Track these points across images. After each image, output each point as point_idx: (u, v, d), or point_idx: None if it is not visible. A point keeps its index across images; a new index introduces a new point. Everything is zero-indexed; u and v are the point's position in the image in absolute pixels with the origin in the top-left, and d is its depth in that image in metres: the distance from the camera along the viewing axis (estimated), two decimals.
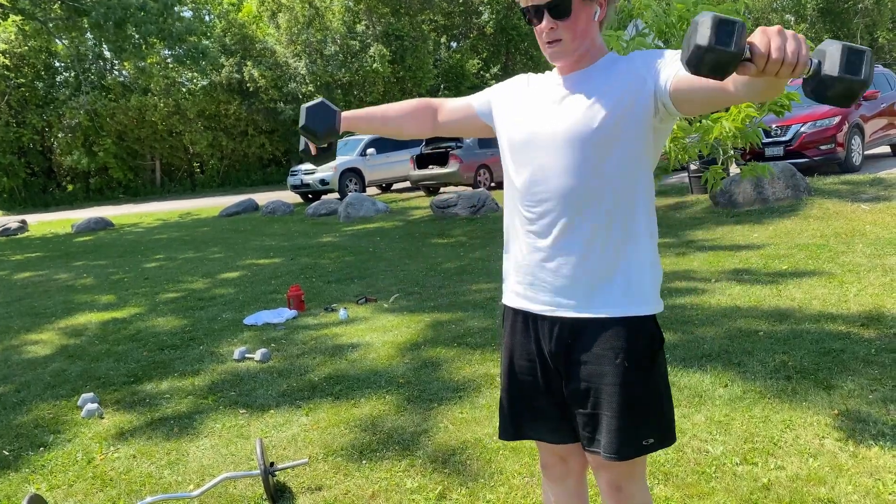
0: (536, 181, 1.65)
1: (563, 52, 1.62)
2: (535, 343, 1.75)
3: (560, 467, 1.89)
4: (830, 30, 36.88)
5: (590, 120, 1.57)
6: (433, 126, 1.96)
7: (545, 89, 1.70)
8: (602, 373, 1.65)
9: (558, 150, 1.61)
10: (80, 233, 15.75)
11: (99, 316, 6.71)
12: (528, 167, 1.67)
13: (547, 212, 1.65)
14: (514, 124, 1.72)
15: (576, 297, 1.66)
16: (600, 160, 1.58)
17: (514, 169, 1.71)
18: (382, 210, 13.90)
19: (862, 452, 2.83)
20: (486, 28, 33.13)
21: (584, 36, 1.61)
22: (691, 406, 3.43)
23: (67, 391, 4.52)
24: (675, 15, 4.94)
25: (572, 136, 1.59)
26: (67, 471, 3.35)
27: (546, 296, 1.70)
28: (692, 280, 6.02)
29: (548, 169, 1.63)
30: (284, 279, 7.76)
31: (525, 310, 1.76)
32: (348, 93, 28.92)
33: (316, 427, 3.60)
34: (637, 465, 1.75)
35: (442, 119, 1.95)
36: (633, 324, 1.66)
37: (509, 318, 1.83)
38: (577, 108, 1.60)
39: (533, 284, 1.72)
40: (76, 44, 24.95)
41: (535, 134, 1.66)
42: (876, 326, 4.32)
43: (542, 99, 1.69)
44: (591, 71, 1.64)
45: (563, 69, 1.68)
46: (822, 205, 8.62)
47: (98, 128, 29.22)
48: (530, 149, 1.66)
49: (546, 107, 1.66)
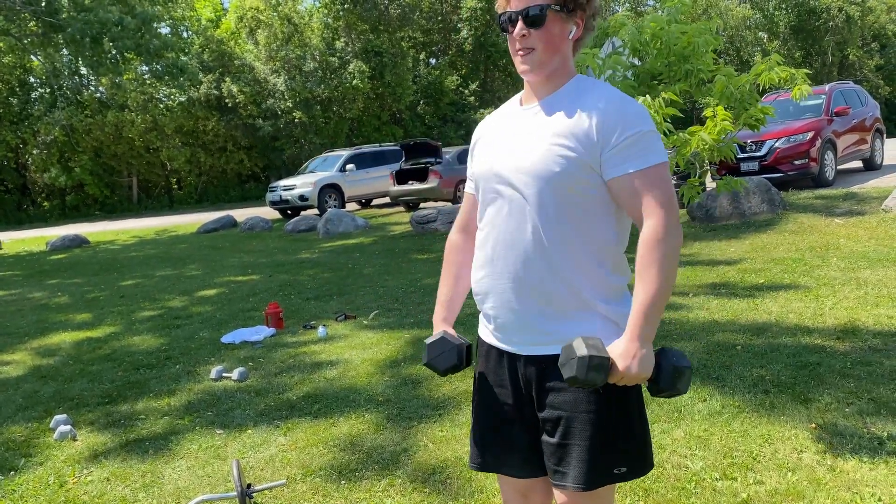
0: (499, 218, 1.66)
1: (535, 63, 1.60)
2: (510, 371, 1.74)
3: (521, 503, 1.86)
4: (802, 47, 37.58)
5: (551, 161, 1.57)
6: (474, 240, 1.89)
7: (509, 125, 1.71)
8: (575, 400, 1.63)
9: (519, 191, 1.61)
10: (54, 250, 15.53)
11: (73, 335, 6.60)
12: (493, 205, 1.68)
13: (507, 250, 1.64)
14: (479, 163, 1.74)
15: (543, 335, 1.65)
16: (564, 195, 1.58)
17: (481, 205, 1.73)
18: (362, 226, 13.87)
19: (839, 466, 2.85)
20: (464, 45, 33.35)
21: (556, 49, 1.60)
22: (671, 421, 3.43)
23: (40, 413, 4.43)
24: (648, 33, 5.00)
25: (534, 176, 1.59)
26: (39, 495, 3.28)
27: (513, 336, 1.70)
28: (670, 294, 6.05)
29: (510, 208, 1.63)
30: (263, 296, 7.69)
31: (496, 346, 1.77)
32: (328, 109, 28.94)
33: (294, 447, 3.56)
34: (604, 495, 1.70)
35: (473, 228, 1.87)
36: None
37: (483, 346, 1.83)
38: (538, 148, 1.59)
39: (500, 324, 1.72)
40: (52, 60, 24.73)
41: (498, 170, 1.66)
42: (851, 340, 4.36)
43: (506, 137, 1.69)
44: (556, 99, 1.63)
45: (533, 86, 1.67)
46: (797, 219, 8.73)
47: (74, 144, 28.92)
48: (493, 183, 1.67)
49: (509, 146, 1.67)
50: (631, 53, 5.20)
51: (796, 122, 11.69)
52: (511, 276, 1.65)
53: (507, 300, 1.67)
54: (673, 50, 4.98)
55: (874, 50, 39.09)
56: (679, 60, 4.99)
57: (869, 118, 13.14)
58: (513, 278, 1.65)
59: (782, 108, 11.89)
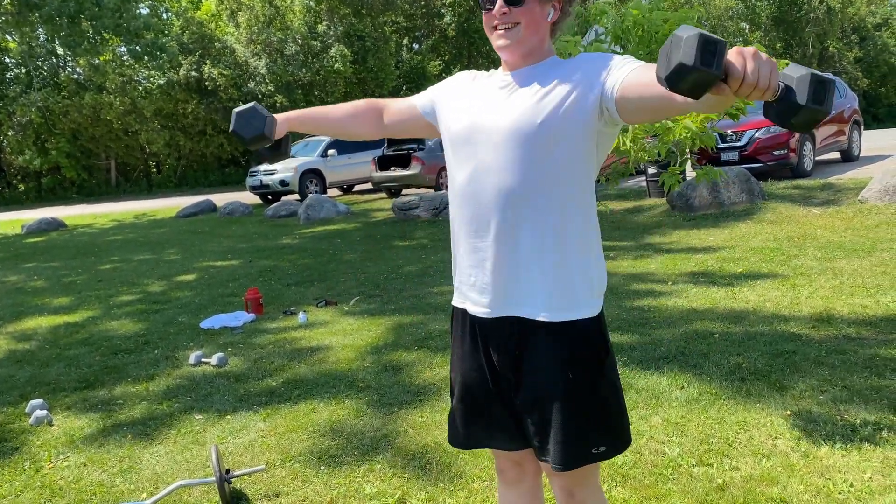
0: (477, 178, 1.63)
1: (514, 40, 1.59)
2: (484, 354, 1.74)
3: (515, 471, 1.88)
4: (783, 38, 37.82)
5: (534, 116, 1.55)
6: (378, 127, 1.94)
7: (490, 85, 1.69)
8: (549, 381, 1.64)
9: (499, 146, 1.59)
10: (30, 234, 15.32)
11: (50, 320, 6.53)
12: (469, 163, 1.64)
13: (486, 210, 1.63)
14: (456, 120, 1.70)
15: (514, 298, 1.65)
16: (543, 158, 1.56)
17: (456, 165, 1.69)
18: (343, 212, 13.81)
19: (813, 452, 2.90)
20: (447, 30, 33.19)
21: (536, 28, 1.59)
22: (648, 408, 3.47)
23: (15, 397, 4.38)
24: (630, 21, 5.01)
25: (515, 131, 1.57)
26: (14, 480, 3.25)
27: (485, 297, 1.68)
28: (649, 282, 6.10)
29: (489, 165, 1.61)
30: (242, 282, 7.65)
31: (466, 310, 1.75)
32: (309, 93, 28.69)
33: (273, 433, 3.55)
34: (589, 472, 1.74)
35: (387, 120, 1.92)
36: (575, 330, 1.64)
37: (458, 319, 1.81)
38: (521, 103, 1.58)
39: (474, 285, 1.71)
40: (28, 39, 24.26)
41: (476, 129, 1.63)
42: (826, 328, 4.43)
43: (487, 94, 1.67)
44: (537, 69, 1.63)
45: (510, 64, 1.66)
46: (776, 209, 8.82)
47: (50, 126, 28.45)
48: (471, 144, 1.64)
49: (490, 102, 1.64)
50: (613, 41, 5.21)
51: None
52: (493, 238, 1.65)
53: (485, 261, 1.68)
54: (655, 38, 4.99)
55: (854, 42, 39.44)
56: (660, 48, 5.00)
57: (847, 110, 13.28)
58: (497, 240, 1.64)
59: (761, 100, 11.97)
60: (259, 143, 1.85)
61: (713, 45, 1.09)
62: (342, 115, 1.93)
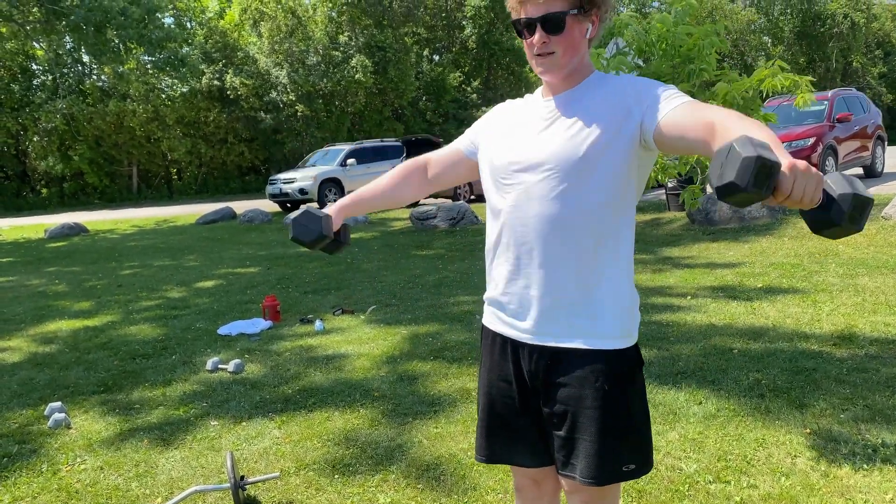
0: (519, 206, 1.63)
1: (554, 66, 1.59)
2: (514, 364, 1.72)
3: (534, 490, 1.86)
4: (806, 53, 37.57)
5: (576, 147, 1.55)
6: (425, 184, 1.96)
7: (531, 114, 1.68)
8: (581, 396, 1.62)
9: (542, 177, 1.59)
10: (53, 238, 15.51)
11: (70, 323, 6.59)
12: (511, 193, 1.64)
13: (528, 238, 1.62)
14: (498, 154, 1.69)
15: (556, 325, 1.64)
16: (585, 188, 1.56)
17: (497, 194, 1.69)
18: (361, 221, 13.86)
19: (833, 472, 2.85)
20: (468, 42, 33.32)
21: (575, 51, 1.58)
22: (666, 423, 3.43)
23: (35, 400, 4.42)
24: (654, 34, 4.99)
25: (557, 163, 1.56)
26: (32, 482, 3.28)
27: (526, 323, 1.68)
28: (668, 296, 6.05)
29: (531, 195, 1.60)
30: (260, 289, 7.69)
31: (504, 335, 1.75)
32: (330, 103, 28.92)
33: (288, 440, 3.56)
34: (614, 491, 1.72)
35: (432, 174, 1.94)
36: (613, 352, 1.64)
37: (488, 338, 1.81)
38: (562, 134, 1.58)
39: (513, 311, 1.70)
40: (54, 47, 24.66)
41: (519, 161, 1.63)
42: (847, 346, 4.36)
43: (528, 125, 1.66)
44: (579, 92, 1.62)
45: (551, 87, 1.65)
46: (797, 224, 8.73)
47: (74, 132, 28.86)
48: (514, 175, 1.64)
49: (531, 133, 1.64)
50: (636, 54, 5.19)
51: (798, 128, 11.70)
52: (536, 266, 1.64)
53: (527, 289, 1.67)
54: (679, 52, 4.96)
55: (878, 57, 39.12)
56: (684, 62, 4.97)
57: (871, 125, 13.14)
58: (540, 267, 1.64)
59: (784, 114, 11.89)
60: (321, 243, 1.86)
61: (769, 168, 1.09)
62: (390, 187, 1.96)
